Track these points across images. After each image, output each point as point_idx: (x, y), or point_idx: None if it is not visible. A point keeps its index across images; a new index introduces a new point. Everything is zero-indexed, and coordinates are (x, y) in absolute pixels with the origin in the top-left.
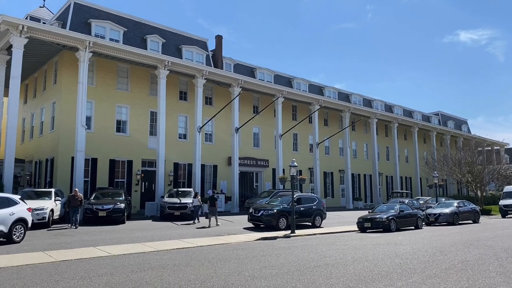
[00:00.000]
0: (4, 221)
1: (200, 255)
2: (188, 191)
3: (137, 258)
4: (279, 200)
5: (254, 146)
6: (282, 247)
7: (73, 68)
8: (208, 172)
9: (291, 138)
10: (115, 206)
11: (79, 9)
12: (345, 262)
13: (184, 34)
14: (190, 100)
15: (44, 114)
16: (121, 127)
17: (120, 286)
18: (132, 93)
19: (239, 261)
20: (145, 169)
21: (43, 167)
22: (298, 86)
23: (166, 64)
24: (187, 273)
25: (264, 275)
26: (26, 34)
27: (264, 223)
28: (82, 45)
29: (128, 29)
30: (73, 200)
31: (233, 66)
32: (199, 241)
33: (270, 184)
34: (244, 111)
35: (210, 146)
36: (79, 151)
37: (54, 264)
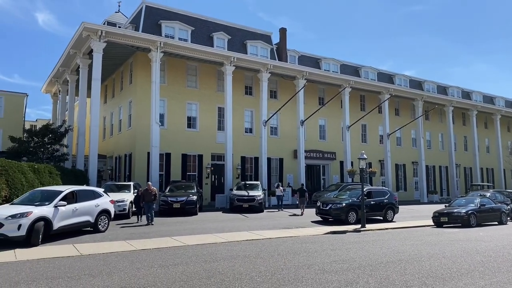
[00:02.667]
0: (91, 212)
1: (269, 247)
2: (256, 184)
3: (210, 248)
4: (348, 193)
5: (320, 139)
6: (352, 241)
7: (146, 68)
8: (274, 165)
9: (359, 129)
10: (188, 198)
11: (150, 11)
12: (420, 258)
13: (248, 29)
14: (255, 95)
15: (122, 113)
16: (191, 123)
17: (195, 275)
18: (200, 90)
19: (309, 254)
20: (214, 163)
21: (122, 162)
22: (366, 75)
23: (232, 60)
24: (258, 264)
25: (335, 269)
26: (104, 38)
27: (333, 217)
28: (154, 45)
29: (195, 28)
30: (147, 195)
31: (298, 58)
32: (268, 233)
33: (338, 177)
34: (309, 103)
35: (275, 139)
36: (154, 147)
37: (135, 253)
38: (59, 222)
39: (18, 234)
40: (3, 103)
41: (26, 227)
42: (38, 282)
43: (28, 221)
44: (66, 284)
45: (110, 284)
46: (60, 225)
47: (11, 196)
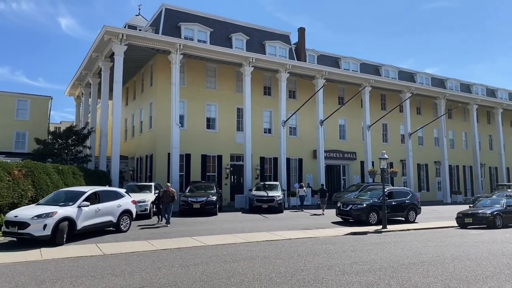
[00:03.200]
0: (113, 212)
1: (289, 248)
2: (275, 184)
3: (229, 248)
4: (369, 194)
5: (340, 139)
6: (373, 242)
7: (166, 70)
8: (294, 166)
9: (380, 129)
10: (208, 199)
11: (170, 14)
12: (443, 260)
13: (266, 29)
14: (274, 95)
15: (143, 114)
16: (211, 124)
17: (215, 275)
18: (219, 91)
19: (329, 255)
20: (233, 163)
21: (143, 162)
22: (386, 73)
23: (251, 61)
24: (277, 265)
25: (355, 271)
26: (125, 41)
27: (353, 218)
28: (173, 48)
29: (214, 29)
30: (166, 196)
31: (317, 58)
32: (288, 234)
33: (358, 177)
34: (328, 102)
35: (294, 139)
36: (174, 148)
37: (156, 253)
38: (82, 222)
39: (43, 234)
40: (29, 106)
41: (51, 227)
42: (63, 281)
43: (53, 221)
44: (90, 283)
45: (132, 283)
46: (83, 225)
47: (36, 197)
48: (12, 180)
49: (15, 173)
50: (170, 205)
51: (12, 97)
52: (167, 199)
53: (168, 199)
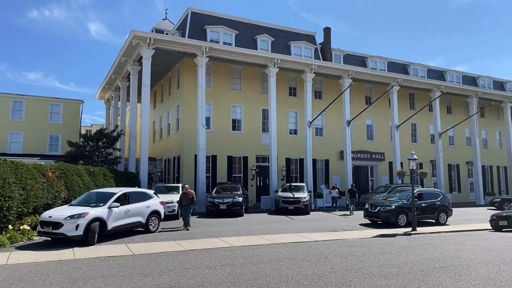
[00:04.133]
0: (142, 213)
1: (316, 250)
2: (301, 185)
3: (256, 250)
4: (398, 195)
5: (367, 139)
6: (403, 245)
7: (193, 73)
8: (320, 167)
9: (409, 128)
10: (234, 200)
11: (196, 17)
12: (476, 264)
13: (291, 30)
14: (300, 95)
15: (170, 117)
16: (236, 125)
17: (242, 276)
18: (245, 92)
19: (356, 258)
20: (259, 165)
21: (171, 164)
22: (415, 72)
23: (276, 62)
24: (304, 267)
25: (384, 274)
26: (153, 45)
27: (382, 220)
28: (199, 50)
29: (239, 31)
30: (185, 198)
31: (343, 57)
32: (314, 236)
33: (387, 178)
34: (355, 102)
35: (321, 140)
36: (201, 149)
37: (184, 253)
38: (113, 222)
39: (76, 234)
40: (61, 110)
41: (83, 227)
42: (95, 280)
43: (84, 221)
44: (120, 282)
45: (160, 283)
46: (113, 226)
47: (69, 198)
48: (46, 181)
49: (49, 175)
50: (189, 208)
51: (46, 101)
52: (186, 201)
53: (187, 201)
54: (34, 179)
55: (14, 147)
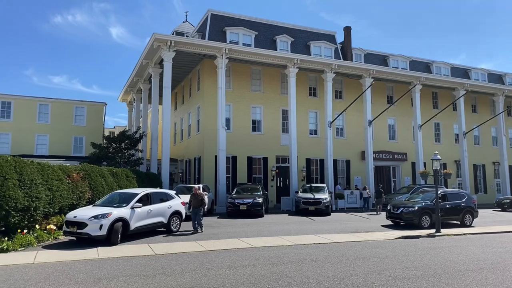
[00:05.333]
0: (164, 213)
1: (337, 252)
2: (322, 186)
3: (276, 251)
4: (421, 196)
5: (389, 139)
6: (426, 247)
7: (213, 74)
8: (341, 167)
9: (432, 128)
10: (254, 201)
11: (216, 19)
12: (504, 267)
13: (311, 30)
14: (320, 96)
15: (190, 118)
16: (256, 126)
17: (262, 277)
18: (264, 93)
19: (379, 260)
20: (279, 165)
21: (192, 165)
22: (438, 70)
23: (295, 62)
24: (325, 269)
25: (407, 276)
26: (173, 48)
27: (404, 221)
28: (219, 52)
29: (258, 32)
30: (194, 200)
31: (363, 56)
32: (336, 237)
33: (409, 179)
34: (377, 102)
35: (341, 140)
36: (221, 150)
37: (205, 253)
38: (135, 222)
39: (99, 234)
40: (85, 112)
41: (106, 227)
42: (118, 279)
43: (108, 221)
44: (143, 282)
45: (182, 283)
46: (136, 226)
47: (93, 198)
48: (71, 182)
49: (73, 176)
50: (199, 210)
51: (71, 104)
52: (195, 203)
53: (196, 203)
54: (59, 180)
55: (40, 149)
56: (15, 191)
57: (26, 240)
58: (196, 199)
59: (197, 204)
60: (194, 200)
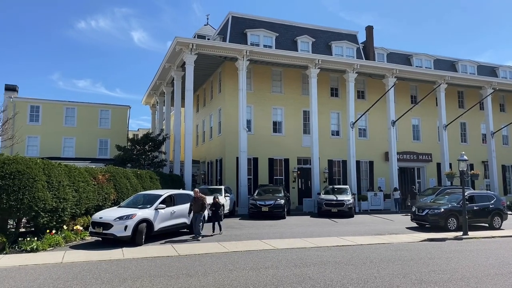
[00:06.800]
0: (187, 215)
1: (361, 254)
2: (344, 188)
3: (299, 253)
4: (447, 198)
5: (413, 139)
6: (453, 250)
7: (234, 77)
8: (364, 169)
9: (458, 128)
10: (276, 202)
11: (236, 21)
12: None
13: (332, 30)
14: (342, 96)
15: (212, 120)
16: (277, 128)
17: (285, 279)
18: (285, 94)
19: (404, 262)
20: (300, 167)
21: (213, 166)
22: (463, 69)
23: (317, 63)
24: (349, 271)
25: (434, 280)
26: (195, 51)
27: (430, 223)
28: (240, 54)
29: (279, 33)
30: (194, 204)
31: (386, 56)
32: (359, 239)
33: (434, 180)
34: (400, 102)
35: (364, 141)
36: (242, 152)
37: (227, 254)
38: (159, 223)
39: (124, 234)
40: (110, 115)
41: (131, 228)
42: (143, 279)
43: (132, 222)
44: (167, 282)
45: (205, 284)
46: (160, 227)
47: (118, 199)
48: (97, 184)
49: (99, 178)
50: (200, 215)
51: (96, 107)
52: (196, 207)
53: (197, 207)
54: (86, 181)
55: (67, 151)
56: (43, 192)
57: (54, 240)
58: (196, 203)
59: (197, 209)
60: (195, 204)
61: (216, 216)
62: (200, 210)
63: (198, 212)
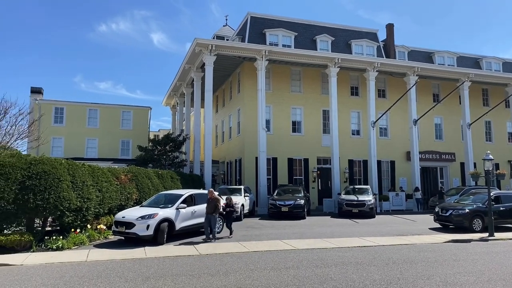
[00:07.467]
0: None
1: (383, 255)
2: (365, 188)
3: (320, 253)
4: (472, 198)
5: (436, 139)
6: (479, 251)
7: (253, 77)
8: (385, 169)
9: (482, 126)
10: (296, 202)
11: (255, 21)
12: None
13: (352, 28)
14: (362, 95)
15: (231, 121)
16: (296, 127)
17: (307, 280)
18: (304, 94)
19: (427, 264)
20: (320, 167)
21: (233, 166)
22: (488, 66)
23: (336, 62)
24: (371, 272)
25: (459, 282)
26: (214, 52)
27: (454, 224)
28: (259, 54)
29: (298, 33)
30: (208, 205)
31: (407, 54)
32: (381, 240)
33: (458, 180)
34: (422, 100)
35: (385, 141)
36: (261, 152)
37: (248, 254)
38: (180, 223)
39: (146, 234)
40: (131, 116)
41: (153, 227)
42: (165, 278)
43: (154, 222)
44: (189, 281)
45: (227, 283)
46: (181, 226)
47: (140, 199)
48: (119, 184)
49: (122, 178)
50: (213, 217)
51: (118, 109)
52: (209, 209)
53: (210, 208)
54: (108, 181)
55: (90, 152)
56: (68, 192)
57: (79, 239)
58: (210, 204)
59: (210, 210)
60: (208, 205)
61: (227, 218)
62: (213, 211)
63: (211, 213)
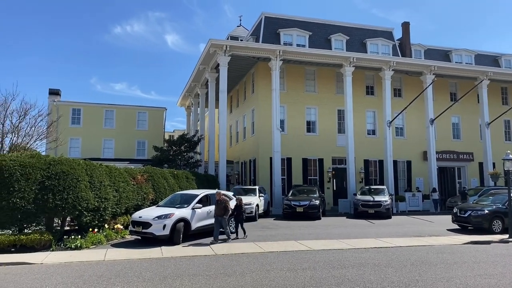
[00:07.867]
0: None
1: (400, 256)
2: (381, 188)
3: (336, 254)
4: (491, 199)
5: (453, 138)
6: (499, 253)
7: (267, 77)
8: (401, 169)
9: (501, 126)
10: (311, 203)
11: (269, 21)
12: None
13: (367, 27)
14: (378, 94)
15: (245, 121)
16: (311, 127)
17: (324, 281)
18: (319, 94)
19: (447, 266)
20: (335, 167)
21: (247, 167)
22: (507, 64)
23: (351, 61)
24: (389, 274)
25: (480, 284)
26: (229, 52)
27: (473, 225)
28: (273, 54)
29: (312, 32)
30: (216, 207)
31: (423, 52)
32: (398, 241)
33: (476, 180)
34: (439, 100)
35: (401, 140)
36: (276, 152)
37: (263, 255)
38: (196, 223)
39: (163, 233)
40: (147, 117)
41: (169, 227)
42: (182, 278)
43: (171, 221)
44: (206, 281)
45: (244, 284)
46: (196, 226)
47: (156, 199)
48: (136, 184)
49: (138, 178)
50: (223, 219)
51: (134, 110)
52: (218, 211)
53: (219, 211)
54: (125, 182)
55: (107, 152)
56: (86, 192)
57: (96, 239)
58: (219, 206)
59: (219, 212)
60: (216, 207)
61: (238, 219)
62: (222, 213)
63: (220, 215)
